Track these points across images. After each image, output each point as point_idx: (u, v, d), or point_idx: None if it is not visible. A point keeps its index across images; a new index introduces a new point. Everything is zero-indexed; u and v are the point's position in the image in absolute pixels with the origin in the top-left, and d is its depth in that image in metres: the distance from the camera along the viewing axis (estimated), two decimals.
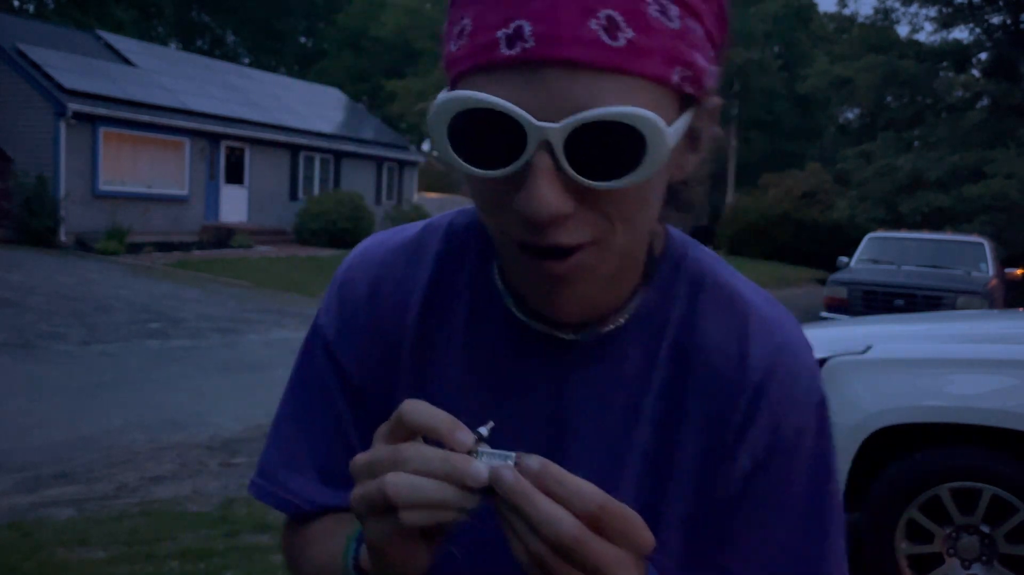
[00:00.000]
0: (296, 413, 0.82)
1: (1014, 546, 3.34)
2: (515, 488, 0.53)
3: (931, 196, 23.83)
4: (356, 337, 0.79)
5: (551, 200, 0.58)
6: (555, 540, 0.53)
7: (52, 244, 17.06)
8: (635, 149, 0.58)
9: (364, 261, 0.81)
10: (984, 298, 10.14)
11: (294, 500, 0.80)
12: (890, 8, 30.73)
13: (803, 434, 0.73)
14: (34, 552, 3.76)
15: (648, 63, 0.57)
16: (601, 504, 0.54)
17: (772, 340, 0.74)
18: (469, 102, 0.58)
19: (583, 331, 0.72)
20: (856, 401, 3.57)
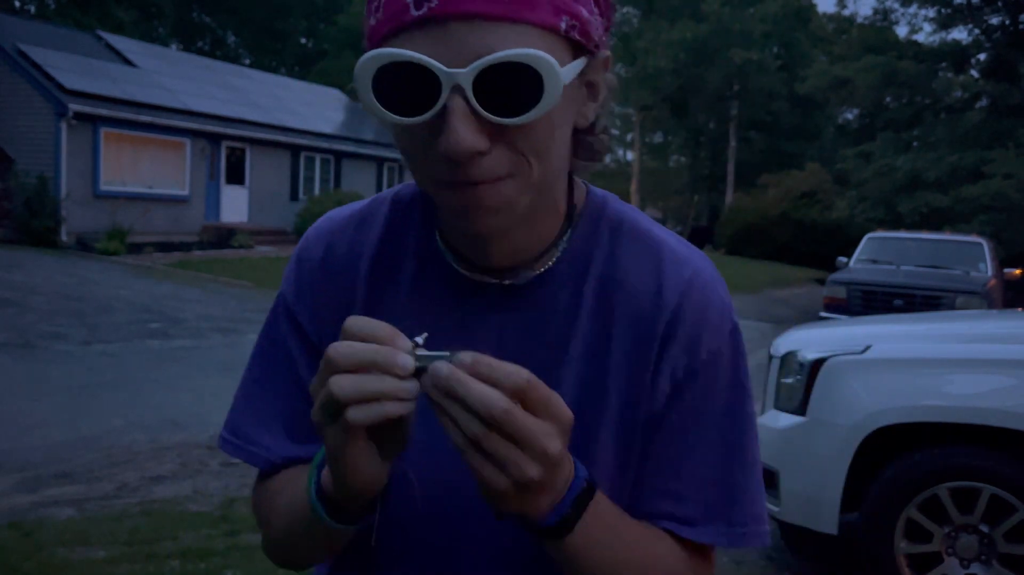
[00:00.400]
0: (262, 374, 0.89)
1: (1013, 545, 3.35)
2: (450, 375, 0.61)
3: (930, 196, 23.83)
4: (312, 298, 0.86)
5: (467, 137, 0.65)
6: (488, 414, 0.60)
7: (53, 244, 17.07)
8: (533, 86, 0.65)
9: (318, 231, 0.90)
10: (983, 298, 10.14)
11: (263, 454, 0.86)
12: (889, 9, 30.75)
13: (718, 356, 0.81)
14: (35, 552, 3.77)
15: (537, 12, 0.66)
16: (527, 379, 0.61)
17: (684, 273, 0.82)
18: (387, 57, 0.65)
19: (516, 276, 0.80)
20: (855, 401, 3.58)
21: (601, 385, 0.81)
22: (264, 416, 0.87)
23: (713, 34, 41.02)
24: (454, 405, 0.61)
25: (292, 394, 0.86)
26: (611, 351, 0.81)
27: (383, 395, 0.61)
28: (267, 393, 0.88)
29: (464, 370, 0.61)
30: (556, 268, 0.82)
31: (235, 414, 0.89)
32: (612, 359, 0.81)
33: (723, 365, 0.82)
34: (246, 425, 0.88)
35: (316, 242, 0.89)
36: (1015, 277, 12.26)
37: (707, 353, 0.81)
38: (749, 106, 45.21)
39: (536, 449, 0.62)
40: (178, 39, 44.07)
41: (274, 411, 0.87)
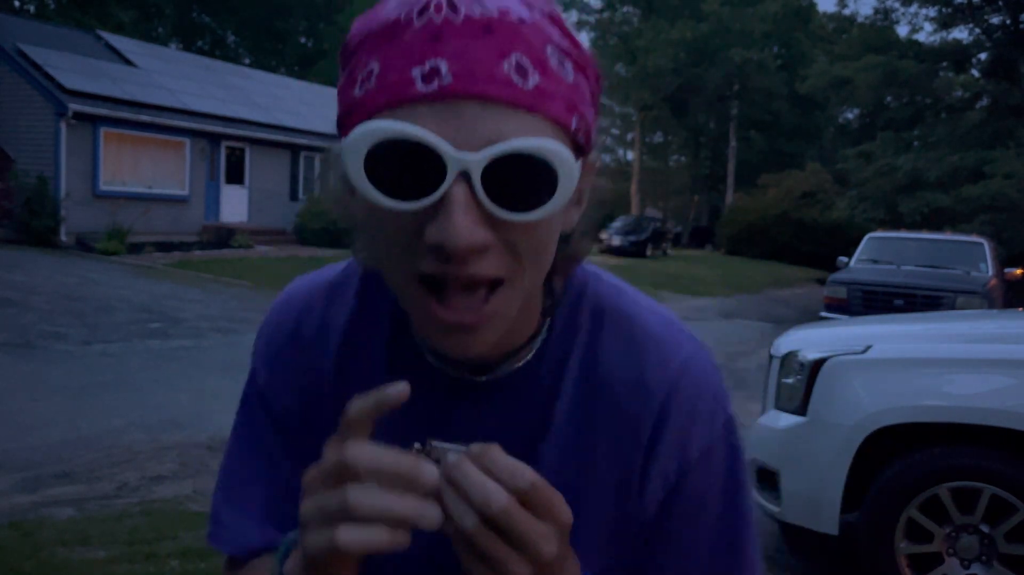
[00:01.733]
0: (238, 453, 0.85)
1: (1013, 546, 3.34)
2: (456, 466, 0.58)
3: (930, 196, 23.84)
4: (283, 380, 0.82)
5: (468, 229, 0.59)
6: (486, 510, 0.57)
7: (53, 244, 17.07)
8: (548, 182, 0.60)
9: (287, 304, 0.84)
10: (983, 298, 10.14)
11: (233, 537, 0.83)
12: (890, 8, 30.74)
13: (711, 453, 0.76)
14: (35, 552, 3.77)
15: (553, 106, 0.61)
16: (532, 482, 0.58)
17: (670, 368, 0.76)
18: (389, 132, 0.59)
19: (493, 372, 0.75)
20: (856, 401, 3.58)
21: (580, 486, 0.77)
22: (238, 499, 0.83)
23: (713, 34, 41.03)
24: (453, 495, 0.58)
25: (267, 478, 0.83)
26: (594, 449, 0.77)
27: (404, 519, 0.56)
28: (242, 474, 0.84)
29: (472, 460, 0.58)
30: (533, 361, 0.78)
31: (216, 501, 0.86)
32: (595, 458, 0.77)
33: (717, 462, 0.77)
34: (223, 511, 0.84)
35: (285, 317, 0.84)
36: (1016, 277, 12.25)
37: (698, 451, 0.76)
38: (749, 106, 45.21)
39: (530, 551, 0.58)
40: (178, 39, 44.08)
41: (248, 496, 0.83)
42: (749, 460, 4.12)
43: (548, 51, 0.62)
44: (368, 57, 0.63)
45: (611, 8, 47.02)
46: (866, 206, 26.36)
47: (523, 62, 0.60)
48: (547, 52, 0.62)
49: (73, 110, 17.10)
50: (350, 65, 0.65)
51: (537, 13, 0.63)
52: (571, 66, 0.64)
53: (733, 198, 41.54)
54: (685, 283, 22.13)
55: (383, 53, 0.62)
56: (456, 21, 0.60)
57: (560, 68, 0.63)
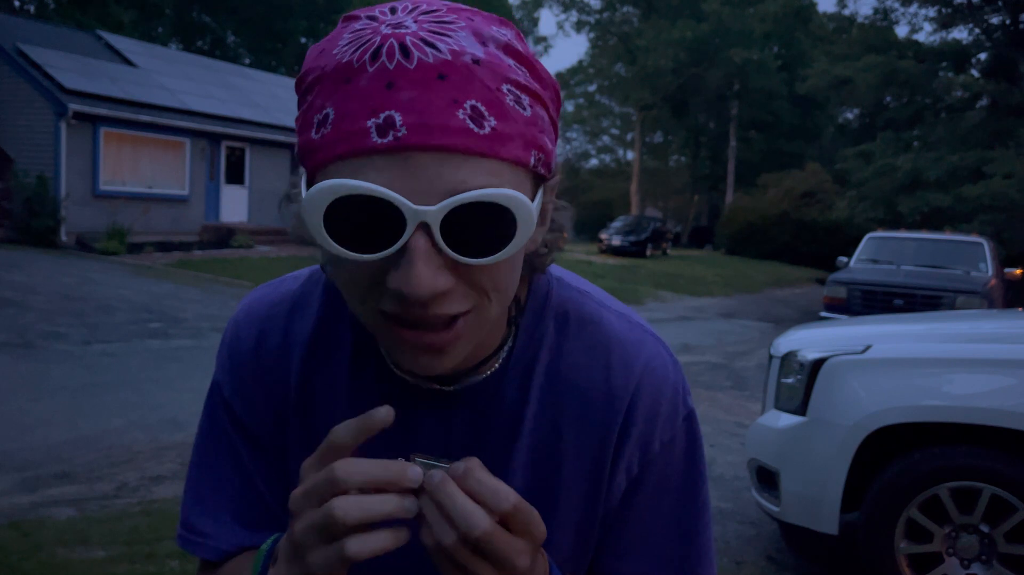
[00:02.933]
0: (205, 462, 0.86)
1: (1013, 546, 3.35)
2: (440, 486, 0.59)
3: (930, 196, 23.83)
4: (247, 391, 0.83)
5: (430, 279, 0.61)
6: (468, 533, 0.59)
7: (53, 244, 17.07)
8: (506, 226, 0.62)
9: (249, 316, 0.85)
10: (983, 298, 10.15)
11: (211, 543, 0.84)
12: (889, 8, 30.75)
13: (672, 447, 0.81)
14: (34, 552, 3.77)
15: (510, 148, 0.62)
16: (514, 503, 0.60)
17: (634, 369, 0.80)
18: (347, 189, 0.59)
19: (460, 382, 0.77)
20: (855, 401, 3.58)
21: (551, 487, 0.80)
22: (209, 506, 0.84)
23: (713, 34, 41.06)
24: (436, 513, 0.60)
25: (236, 482, 0.84)
26: (561, 449, 0.79)
27: (388, 517, 0.59)
28: (211, 482, 0.85)
29: (455, 479, 0.60)
30: (500, 369, 0.79)
31: (185, 507, 0.87)
32: (563, 457, 0.79)
33: (677, 453, 0.82)
34: (194, 516, 0.85)
35: (246, 331, 0.84)
36: (1015, 277, 12.25)
37: (660, 444, 0.80)
38: (749, 106, 45.23)
39: (507, 566, 0.61)
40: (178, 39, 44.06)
41: (219, 499, 0.84)
42: (749, 460, 4.12)
43: (504, 90, 0.62)
44: (323, 100, 0.62)
45: (611, 8, 47.01)
46: (866, 206, 26.35)
47: (478, 107, 0.60)
48: (503, 91, 0.62)
49: (73, 110, 17.10)
50: (306, 103, 0.65)
51: (492, 46, 0.63)
52: (527, 99, 0.64)
53: (733, 198, 41.54)
54: (685, 283, 22.13)
55: (338, 98, 0.61)
56: (409, 67, 0.60)
57: (516, 105, 0.63)
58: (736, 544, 4.41)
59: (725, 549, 4.33)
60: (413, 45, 0.61)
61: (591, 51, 50.92)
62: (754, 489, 4.12)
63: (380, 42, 0.61)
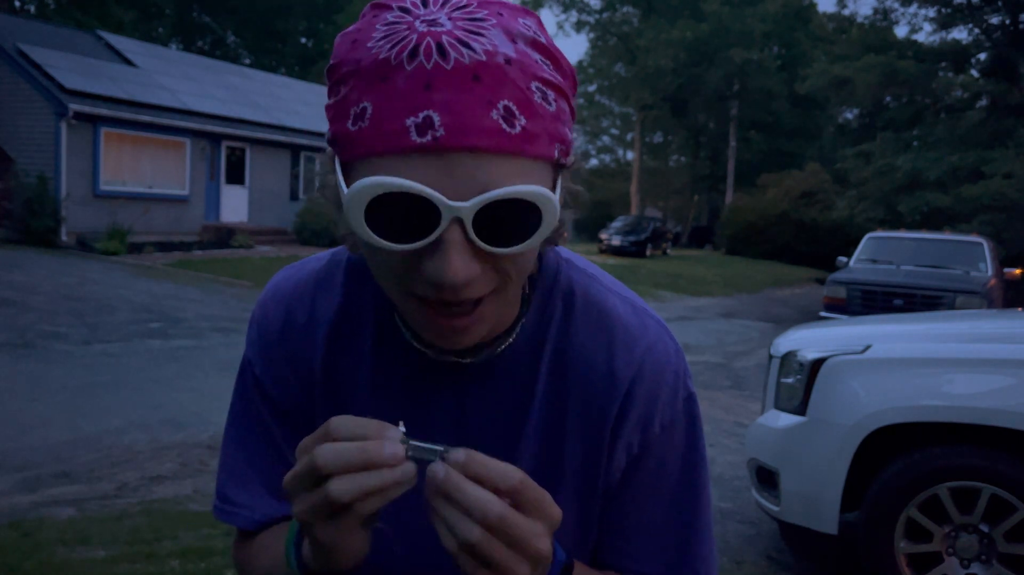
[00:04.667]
0: (238, 436, 0.90)
1: (1013, 545, 3.35)
2: (447, 480, 0.61)
3: (930, 196, 23.82)
4: (276, 368, 0.87)
5: (464, 268, 0.65)
6: (485, 521, 0.60)
7: (53, 244, 17.07)
8: (533, 219, 0.66)
9: (276, 296, 0.89)
10: (983, 298, 10.15)
11: (246, 514, 0.88)
12: (889, 8, 30.73)
13: (672, 428, 0.84)
14: (34, 552, 3.77)
15: (538, 145, 0.66)
16: (521, 479, 0.62)
17: (635, 352, 0.83)
18: (390, 186, 0.63)
19: (477, 355, 0.81)
20: (855, 401, 3.58)
21: (558, 460, 0.83)
22: (243, 478, 0.88)
23: (713, 34, 41.04)
24: (450, 509, 0.61)
25: (268, 455, 0.87)
26: (566, 427, 0.83)
27: (383, 487, 0.62)
28: (245, 455, 0.89)
29: (458, 469, 0.61)
30: (514, 345, 0.83)
31: (220, 480, 0.90)
32: (567, 435, 0.83)
33: (677, 435, 0.84)
34: (229, 488, 0.89)
35: (274, 309, 0.88)
36: (1015, 277, 12.25)
37: (660, 427, 0.83)
38: (749, 106, 45.23)
39: (529, 551, 0.62)
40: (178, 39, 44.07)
41: (252, 472, 0.88)
42: (748, 460, 4.12)
43: (533, 88, 0.66)
44: (360, 94, 0.65)
45: (611, 8, 47.00)
46: (865, 206, 26.34)
47: (510, 107, 0.64)
48: (532, 89, 0.66)
49: (73, 110, 17.10)
50: (341, 92, 0.68)
51: (521, 43, 0.66)
52: (552, 95, 0.68)
53: (733, 198, 41.54)
54: (685, 283, 22.14)
55: (376, 95, 0.64)
56: (446, 67, 0.63)
57: (543, 102, 0.67)
58: (736, 544, 4.41)
59: (725, 548, 4.33)
60: (449, 45, 0.63)
61: (591, 51, 50.91)
62: (754, 489, 4.12)
63: (417, 41, 0.64)
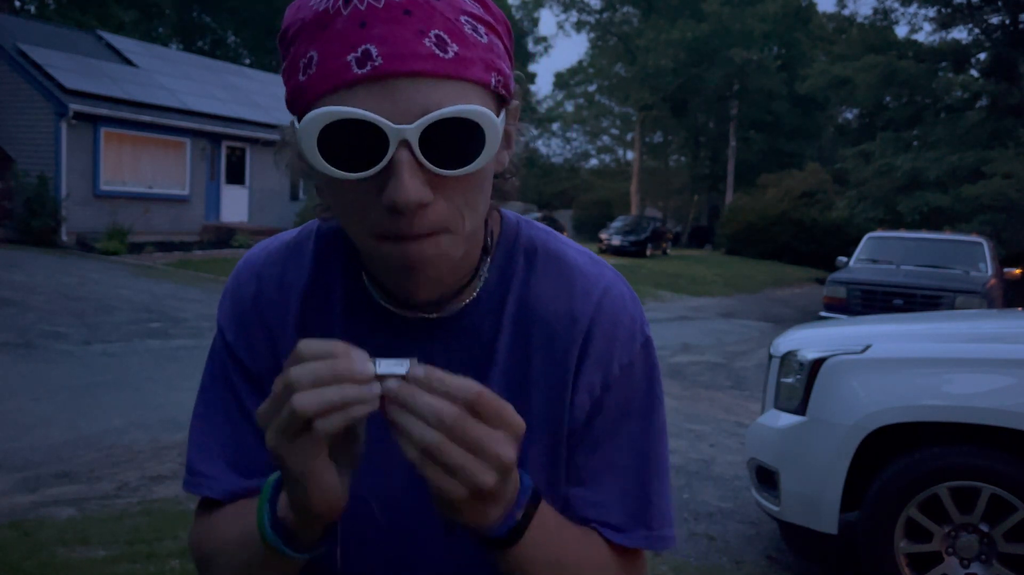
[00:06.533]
0: (208, 410, 0.91)
1: (1013, 545, 3.35)
2: (401, 390, 0.64)
3: (930, 196, 23.83)
4: (248, 333, 0.89)
5: (414, 188, 0.68)
6: (441, 424, 0.63)
7: (53, 244, 17.07)
8: (475, 139, 0.70)
9: (248, 266, 0.92)
10: (983, 297, 10.15)
11: (208, 482, 0.88)
12: (889, 8, 30.74)
13: (630, 369, 0.87)
14: (35, 551, 3.77)
15: (473, 69, 0.70)
16: (478, 392, 0.64)
17: (593, 295, 0.87)
18: (335, 115, 0.68)
19: (442, 310, 0.84)
20: (855, 400, 3.59)
21: (525, 408, 0.83)
22: (211, 450, 0.89)
23: (713, 34, 41.04)
24: (408, 417, 0.63)
25: (238, 427, 0.88)
26: (531, 376, 0.86)
27: (345, 402, 0.63)
28: (214, 427, 0.89)
29: (416, 383, 0.64)
30: (477, 298, 0.86)
31: (190, 455, 0.91)
32: (533, 383, 0.86)
33: (636, 377, 0.88)
34: (198, 462, 0.89)
35: (247, 278, 0.91)
36: (1015, 277, 12.26)
37: (619, 367, 0.86)
38: (749, 106, 45.23)
39: (490, 455, 0.64)
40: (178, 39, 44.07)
41: (221, 444, 0.88)
42: (748, 459, 4.13)
43: (462, 20, 0.71)
44: (306, 47, 0.71)
45: (611, 8, 47.01)
46: (865, 206, 26.35)
47: (442, 36, 0.69)
48: (461, 21, 0.71)
49: (73, 110, 17.10)
50: (291, 53, 0.73)
51: None
52: (483, 29, 0.73)
53: (733, 198, 41.53)
54: (685, 283, 22.14)
55: (319, 42, 0.70)
56: (378, 7, 0.68)
57: (475, 33, 0.71)
58: (736, 543, 4.41)
59: (725, 548, 4.33)
60: None
61: (591, 51, 50.92)
62: (754, 489, 4.12)
63: None
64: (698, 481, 5.47)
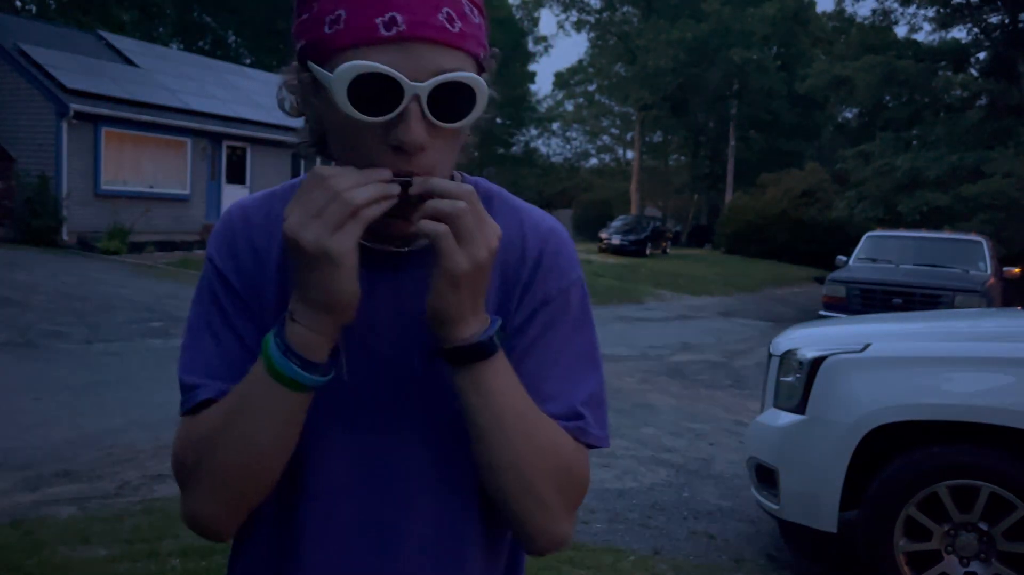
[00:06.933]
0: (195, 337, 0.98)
1: (1012, 543, 3.36)
2: (427, 179, 0.85)
3: (930, 195, 23.83)
4: (238, 259, 0.99)
5: (422, 132, 0.84)
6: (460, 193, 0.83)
7: (54, 243, 17.07)
8: (469, 100, 0.87)
9: (238, 206, 1.04)
10: (982, 296, 10.16)
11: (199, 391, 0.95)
12: (889, 8, 30.72)
13: (567, 293, 1.01)
14: (36, 550, 3.78)
15: (472, 44, 0.87)
16: (470, 190, 0.84)
17: (541, 230, 1.03)
18: (367, 68, 0.82)
19: (411, 245, 0.97)
20: (854, 399, 3.59)
21: None
22: (200, 368, 0.96)
23: (713, 34, 41.01)
24: (436, 199, 0.83)
25: (226, 344, 0.96)
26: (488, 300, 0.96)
27: (382, 195, 0.83)
28: (203, 350, 0.97)
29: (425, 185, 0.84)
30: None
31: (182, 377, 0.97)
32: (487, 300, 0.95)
33: (573, 299, 1.01)
34: (190, 379, 0.96)
35: (238, 213, 1.02)
36: (1014, 275, 12.27)
37: (557, 289, 1.00)
38: (749, 105, 45.19)
39: (488, 231, 0.84)
40: (179, 39, 44.04)
41: (209, 361, 0.96)
42: (748, 458, 4.13)
43: (464, 3, 0.87)
44: (333, 5, 0.84)
45: (611, 8, 46.98)
46: (865, 205, 26.35)
47: (450, 12, 0.85)
48: (464, 4, 0.86)
49: (74, 110, 17.09)
50: (314, 9, 0.86)
51: None
52: (476, 11, 0.89)
53: (732, 197, 41.50)
54: (684, 282, 22.14)
55: (348, 4, 0.84)
56: None
57: (471, 14, 0.88)
58: (735, 542, 4.42)
59: (725, 547, 4.34)
60: None
61: (591, 51, 50.88)
62: (753, 487, 4.13)
63: None
64: (698, 480, 5.48)
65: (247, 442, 0.88)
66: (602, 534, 4.42)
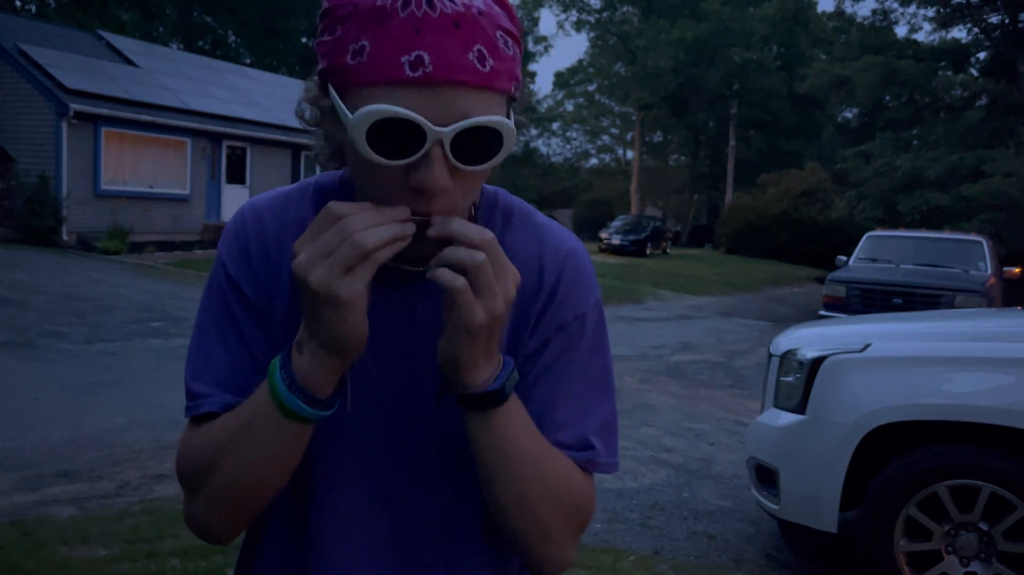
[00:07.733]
0: (204, 340, 0.97)
1: (1012, 543, 3.36)
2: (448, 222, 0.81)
3: (930, 195, 23.84)
4: (250, 265, 0.97)
5: (442, 178, 0.80)
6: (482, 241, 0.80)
7: (54, 243, 17.08)
8: (495, 143, 0.82)
9: (251, 207, 1.01)
10: (982, 296, 10.16)
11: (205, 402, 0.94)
12: (889, 8, 30.73)
13: (583, 319, 0.99)
14: (36, 550, 3.78)
15: (502, 81, 0.82)
16: (491, 238, 0.81)
17: (560, 253, 1.00)
18: (388, 113, 0.77)
19: (427, 264, 0.90)
20: (854, 399, 3.59)
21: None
22: (209, 376, 0.95)
23: (713, 33, 41.03)
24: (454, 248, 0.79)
25: (236, 353, 0.95)
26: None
27: (395, 237, 0.79)
28: (212, 356, 0.95)
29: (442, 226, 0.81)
30: None
31: (188, 383, 0.97)
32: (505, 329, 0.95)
33: (587, 326, 1.00)
34: (197, 387, 0.95)
35: (249, 215, 0.99)
36: (1014, 275, 12.27)
37: (574, 316, 0.98)
38: (749, 105, 45.21)
39: (506, 283, 0.81)
40: (179, 39, 44.05)
41: (218, 370, 0.95)
42: (748, 458, 4.13)
43: (497, 35, 0.81)
44: (358, 32, 0.79)
45: (611, 8, 47.00)
46: (865, 205, 26.37)
47: (482, 50, 0.79)
48: (497, 36, 0.81)
49: (74, 110, 17.10)
50: (337, 31, 0.82)
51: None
52: (511, 41, 0.83)
53: (732, 197, 41.53)
54: (684, 282, 22.14)
55: (373, 35, 0.78)
56: (433, 15, 0.77)
57: (504, 47, 0.82)
58: (735, 542, 4.42)
59: (725, 547, 4.34)
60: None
61: (591, 51, 50.89)
62: (753, 487, 4.13)
63: None
64: (698, 480, 5.48)
65: (248, 462, 0.88)
66: (602, 534, 4.42)
